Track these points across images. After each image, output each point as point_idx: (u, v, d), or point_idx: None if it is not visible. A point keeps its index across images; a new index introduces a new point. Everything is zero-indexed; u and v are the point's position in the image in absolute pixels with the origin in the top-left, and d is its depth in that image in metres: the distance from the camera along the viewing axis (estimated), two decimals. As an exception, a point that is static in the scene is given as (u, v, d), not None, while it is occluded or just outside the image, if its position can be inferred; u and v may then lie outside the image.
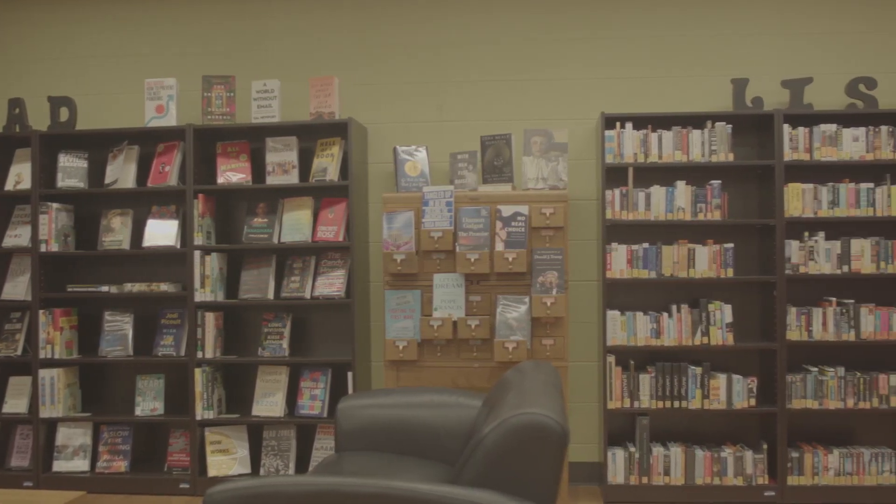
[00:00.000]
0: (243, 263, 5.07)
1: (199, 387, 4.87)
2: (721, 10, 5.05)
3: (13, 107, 5.11)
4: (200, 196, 4.90)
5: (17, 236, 5.13)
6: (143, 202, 5.23)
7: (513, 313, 4.46)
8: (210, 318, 4.91)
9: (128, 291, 4.99)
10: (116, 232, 5.08)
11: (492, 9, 5.15)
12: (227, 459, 4.92)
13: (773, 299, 4.69)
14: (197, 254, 4.88)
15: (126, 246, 5.05)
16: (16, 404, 5.07)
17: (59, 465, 4.99)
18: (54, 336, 4.98)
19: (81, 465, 4.99)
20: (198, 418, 4.88)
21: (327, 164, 4.90)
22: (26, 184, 5.09)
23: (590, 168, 5.06)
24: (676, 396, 4.68)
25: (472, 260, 4.47)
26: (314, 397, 4.90)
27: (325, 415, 4.88)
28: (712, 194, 4.69)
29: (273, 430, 4.96)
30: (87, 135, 5.08)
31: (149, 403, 5.01)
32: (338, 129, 5.00)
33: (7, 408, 5.07)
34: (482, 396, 3.66)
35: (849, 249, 4.66)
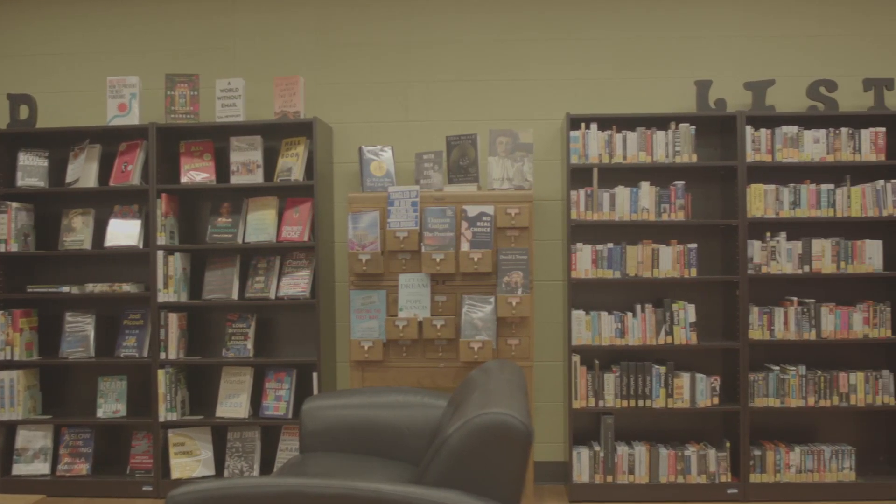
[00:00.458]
0: (207, 263, 5.03)
1: (162, 388, 4.82)
2: (685, 12, 5.09)
3: (-29, 104, 5.04)
4: (163, 196, 4.85)
5: (-24, 236, 5.05)
6: (105, 202, 5.16)
7: (478, 313, 4.47)
8: (173, 318, 4.86)
9: (89, 292, 4.93)
10: (78, 232, 5.01)
11: (458, 9, 5.15)
12: (190, 461, 4.88)
13: (735, 299, 4.74)
14: (160, 254, 4.83)
15: (87, 246, 4.99)
16: (-26, 407, 5.00)
17: (19, 469, 4.91)
18: (14, 337, 4.90)
19: (42, 468, 4.92)
20: (161, 420, 4.83)
21: (292, 164, 4.88)
22: (-15, 183, 5.02)
23: (555, 168, 5.09)
24: (641, 395, 4.71)
25: (438, 260, 4.47)
26: (279, 398, 4.88)
27: (290, 416, 4.85)
28: (676, 195, 4.73)
29: (237, 432, 4.93)
30: (47, 133, 5.01)
31: (111, 405, 4.95)
32: (303, 129, 4.97)
33: (-35, 410, 5.00)
34: (447, 396, 3.67)
35: (810, 250, 4.72)
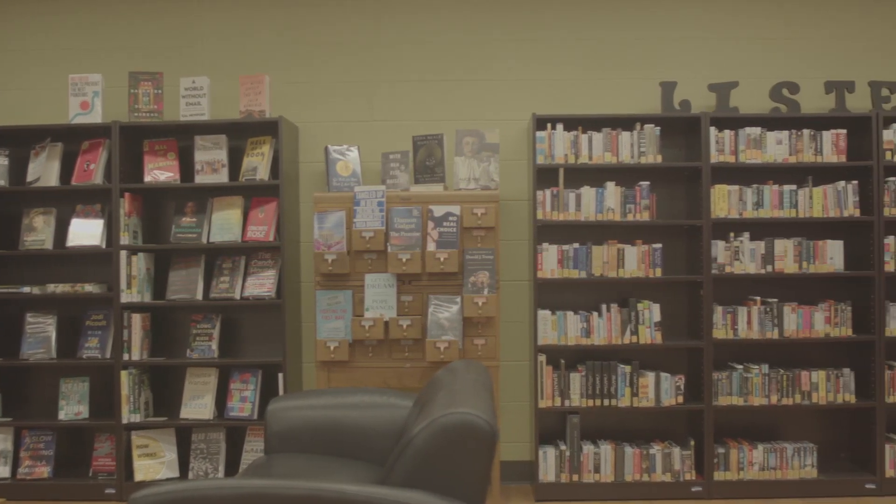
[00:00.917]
0: (171, 263, 4.98)
1: (125, 390, 4.76)
2: (650, 13, 5.13)
3: (-71, 101, 4.95)
4: (127, 195, 4.80)
5: (-66, 236, 4.96)
6: (66, 201, 5.09)
7: (444, 313, 4.47)
8: (137, 319, 4.81)
9: (51, 292, 4.86)
10: (39, 231, 4.94)
11: (424, 9, 5.14)
12: (154, 464, 4.83)
13: (700, 298, 4.78)
14: (123, 254, 4.78)
15: (49, 246, 4.92)
16: (-68, 409, 4.92)
17: (-22, 472, 4.85)
18: (-27, 339, 4.83)
19: (2, 471, 4.83)
20: (124, 422, 4.77)
21: (257, 163, 4.84)
22: (-57, 181, 4.94)
23: (521, 168, 5.10)
24: (606, 395, 4.73)
25: (404, 260, 4.47)
26: (244, 399, 4.84)
27: (256, 416, 4.82)
28: (641, 195, 4.76)
29: (202, 433, 4.88)
30: (7, 131, 4.93)
31: (73, 407, 4.89)
32: (268, 128, 4.94)
33: (-78, 413, 4.91)
34: (413, 396, 3.66)
35: (772, 250, 4.77)
